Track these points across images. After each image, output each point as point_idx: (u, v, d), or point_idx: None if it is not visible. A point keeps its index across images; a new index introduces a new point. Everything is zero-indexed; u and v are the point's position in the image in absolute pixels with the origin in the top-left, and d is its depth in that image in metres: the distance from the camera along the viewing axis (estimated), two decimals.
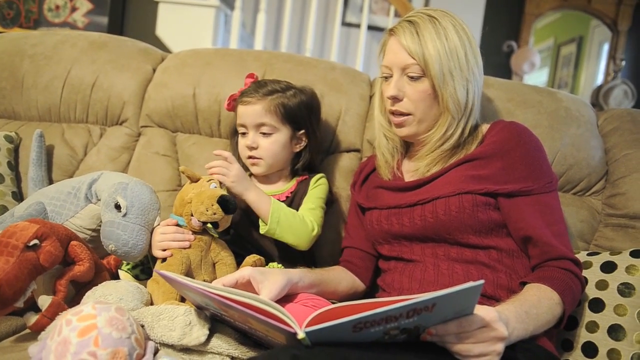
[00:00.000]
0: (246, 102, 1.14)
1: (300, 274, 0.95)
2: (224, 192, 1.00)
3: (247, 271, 0.87)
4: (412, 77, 0.99)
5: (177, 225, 1.02)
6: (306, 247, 1.12)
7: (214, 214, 0.96)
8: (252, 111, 1.13)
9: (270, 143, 1.14)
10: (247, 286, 0.87)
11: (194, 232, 1.01)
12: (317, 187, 1.20)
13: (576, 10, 4.16)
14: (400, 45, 0.99)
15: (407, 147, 1.14)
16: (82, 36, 1.53)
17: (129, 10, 2.67)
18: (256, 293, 0.86)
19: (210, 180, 1.03)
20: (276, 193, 1.18)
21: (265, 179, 1.20)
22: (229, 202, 0.97)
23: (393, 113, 1.04)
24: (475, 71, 1.00)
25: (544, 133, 1.25)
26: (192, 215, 0.99)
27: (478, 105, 1.03)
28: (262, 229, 1.08)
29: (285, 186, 1.20)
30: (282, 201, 1.15)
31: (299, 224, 1.10)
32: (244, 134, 1.16)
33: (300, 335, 0.61)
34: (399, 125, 1.04)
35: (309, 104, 1.20)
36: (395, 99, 1.01)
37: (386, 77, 1.04)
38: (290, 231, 1.09)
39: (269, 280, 0.87)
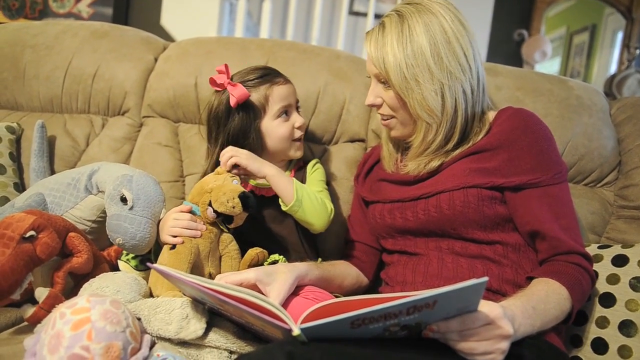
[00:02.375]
0: (283, 83, 1.12)
1: (307, 269, 0.92)
2: (246, 190, 0.98)
3: (252, 274, 0.84)
4: (383, 84, 0.97)
5: (191, 212, 1.00)
6: (324, 228, 1.08)
7: (234, 207, 0.94)
8: (292, 90, 1.13)
9: (304, 119, 1.15)
10: (253, 288, 0.84)
11: (206, 223, 0.99)
12: (316, 171, 1.18)
13: None
14: (367, 52, 0.97)
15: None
16: (84, 26, 1.51)
17: (134, 0, 2.65)
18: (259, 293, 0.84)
19: (233, 177, 1.01)
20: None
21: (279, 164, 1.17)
22: (249, 199, 0.96)
23: (380, 115, 1.03)
24: (455, 70, 0.92)
25: (554, 122, 1.21)
26: (209, 205, 0.97)
27: (471, 106, 0.96)
28: (284, 207, 1.04)
29: None
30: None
31: (319, 204, 1.06)
32: (286, 113, 1.12)
33: (295, 331, 0.59)
34: (387, 127, 1.04)
35: None
36: (373, 106, 1.02)
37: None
38: (313, 210, 1.05)
39: (277, 281, 0.84)
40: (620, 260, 0.99)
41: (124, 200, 0.97)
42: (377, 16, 3.27)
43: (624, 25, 4.04)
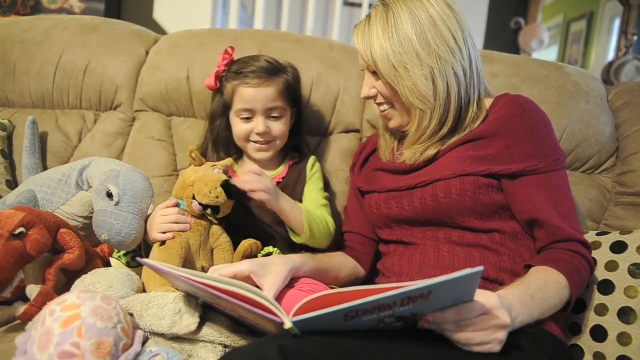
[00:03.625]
0: (253, 85, 1.06)
1: (302, 260, 0.91)
2: (228, 178, 0.98)
3: (246, 265, 0.83)
4: (374, 75, 0.96)
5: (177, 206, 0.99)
6: (325, 247, 1.11)
7: (217, 197, 0.94)
8: (264, 95, 1.07)
9: (281, 126, 1.11)
10: (247, 280, 0.84)
11: (194, 217, 0.99)
12: (315, 176, 1.17)
13: None
14: (356, 46, 0.96)
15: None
16: (74, 20, 1.49)
17: None
18: (257, 287, 0.84)
19: (213, 166, 1.00)
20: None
21: (258, 163, 1.16)
22: (232, 187, 0.95)
23: (378, 105, 1.02)
24: (445, 53, 0.90)
25: (551, 109, 1.20)
26: (193, 198, 0.96)
27: (464, 88, 0.94)
28: (296, 239, 1.06)
29: (276, 171, 1.17)
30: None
31: (324, 227, 1.09)
32: (247, 118, 1.09)
33: (287, 324, 0.58)
34: (386, 118, 1.02)
35: (299, 79, 1.18)
36: (369, 98, 1.01)
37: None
38: (320, 236, 1.08)
39: (271, 273, 0.83)
40: (618, 247, 0.98)
41: (110, 195, 0.96)
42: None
43: (621, 12, 4.01)
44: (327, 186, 1.23)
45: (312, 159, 1.19)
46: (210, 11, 2.49)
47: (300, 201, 1.14)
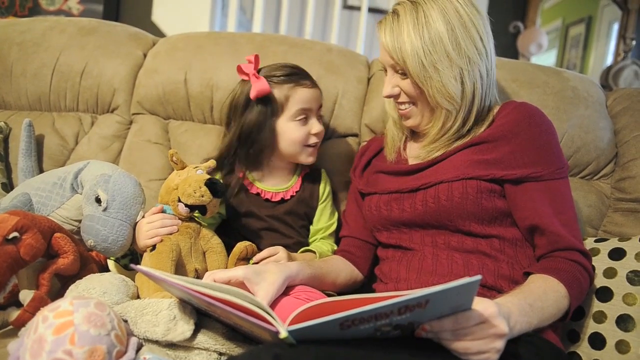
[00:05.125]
0: (308, 86, 1.09)
1: (298, 269, 0.90)
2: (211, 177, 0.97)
3: (240, 271, 0.82)
4: (401, 74, 0.95)
5: (163, 212, 0.99)
6: None
7: (202, 196, 0.94)
8: (317, 95, 1.10)
9: (323, 127, 1.13)
10: (241, 286, 0.82)
11: (182, 220, 0.98)
12: (328, 198, 1.19)
13: None
14: (382, 42, 0.94)
15: (413, 131, 1.09)
16: (71, 22, 1.49)
17: None
18: (248, 291, 0.83)
19: (196, 167, 1.00)
20: (281, 190, 1.14)
21: (278, 170, 1.15)
22: (216, 185, 0.95)
23: (398, 104, 1.00)
24: (473, 54, 0.91)
25: (550, 114, 1.18)
26: (179, 201, 0.96)
27: (485, 90, 0.95)
28: None
29: (290, 182, 1.17)
30: (287, 200, 1.13)
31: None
32: (305, 119, 1.09)
33: (283, 334, 0.57)
34: (405, 116, 1.01)
35: None
36: (391, 97, 0.99)
37: (385, 71, 1.00)
38: None
39: (265, 281, 0.82)
40: (617, 254, 0.97)
41: (98, 200, 0.95)
42: (371, 10, 3.25)
43: (619, 17, 4.01)
44: (334, 195, 1.25)
45: (324, 176, 1.20)
46: (209, 13, 2.49)
47: (312, 220, 1.17)
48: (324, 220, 1.18)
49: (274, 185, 1.15)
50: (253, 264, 1.01)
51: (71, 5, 2.62)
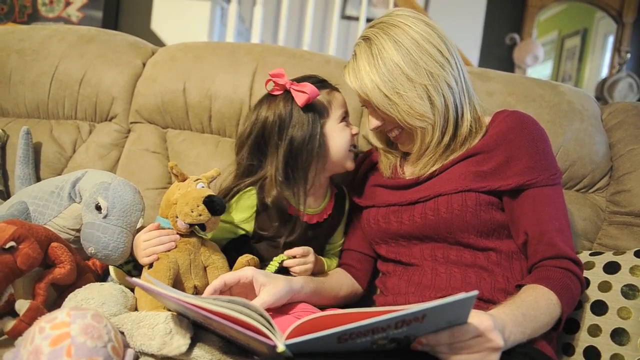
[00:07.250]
0: (339, 91, 1.09)
1: (302, 284, 0.92)
2: (211, 193, 0.95)
3: (249, 271, 0.86)
4: (376, 107, 0.96)
5: (161, 228, 0.97)
6: None
7: (200, 215, 0.91)
8: (344, 100, 1.11)
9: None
10: (248, 286, 0.87)
11: (181, 235, 0.96)
12: (346, 214, 1.17)
13: (580, 2, 4.09)
14: (348, 84, 0.98)
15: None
16: (71, 30, 1.49)
17: (124, 4, 2.63)
18: (255, 294, 0.85)
19: (197, 180, 0.99)
20: (317, 212, 1.09)
21: (317, 189, 1.08)
22: (215, 203, 0.92)
23: (388, 132, 1.02)
24: (434, 69, 0.91)
25: (545, 128, 1.17)
26: (177, 217, 0.95)
27: (459, 97, 0.95)
28: None
29: (324, 202, 1.12)
30: (321, 222, 1.08)
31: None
32: (344, 119, 1.07)
33: (280, 348, 0.58)
34: (400, 142, 1.02)
35: None
36: (377, 129, 1.01)
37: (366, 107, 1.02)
38: None
39: (272, 284, 0.86)
40: (611, 268, 0.98)
41: (98, 208, 0.95)
42: (369, 20, 3.27)
43: (614, 29, 4.06)
44: None
45: (347, 193, 1.17)
46: (208, 22, 2.50)
47: (330, 239, 1.17)
48: (338, 237, 1.17)
49: (314, 208, 1.09)
50: (283, 260, 1.00)
51: (70, 12, 2.63)
